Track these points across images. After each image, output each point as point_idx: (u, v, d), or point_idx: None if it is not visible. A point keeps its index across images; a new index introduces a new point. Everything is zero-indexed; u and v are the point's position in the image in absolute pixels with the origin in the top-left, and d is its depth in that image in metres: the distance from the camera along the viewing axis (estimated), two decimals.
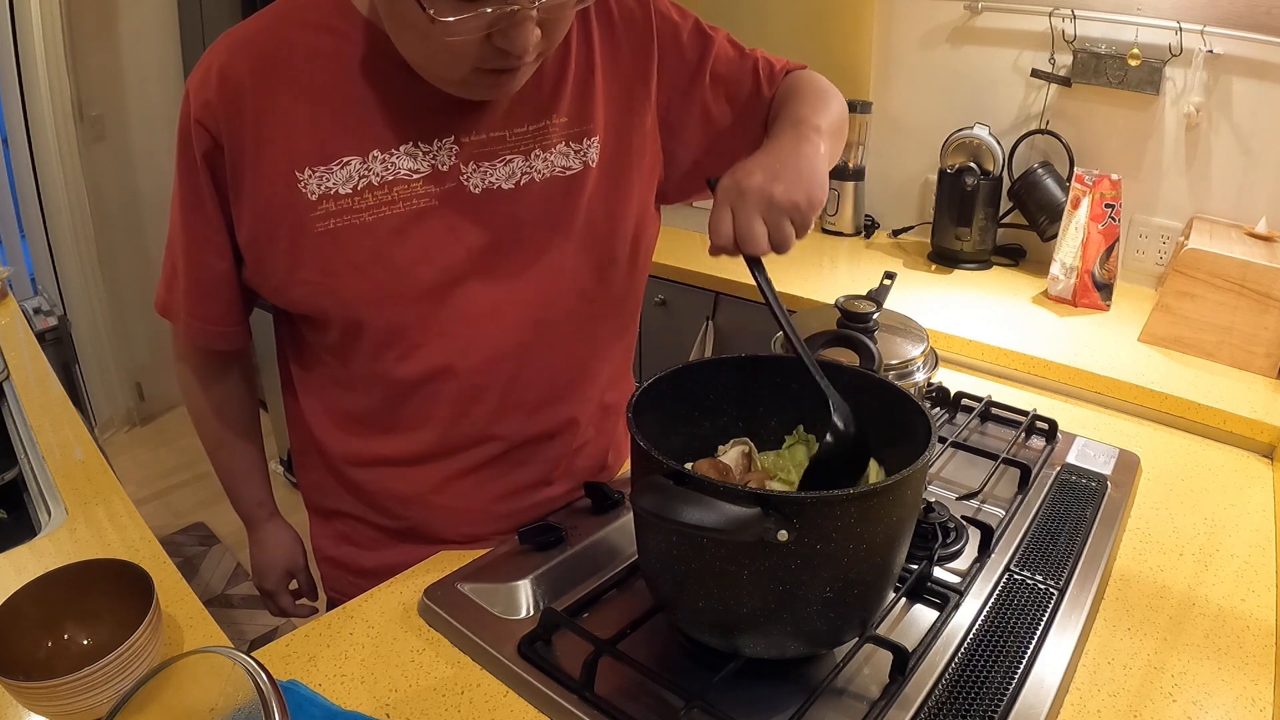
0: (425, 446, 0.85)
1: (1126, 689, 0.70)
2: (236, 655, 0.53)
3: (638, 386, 0.70)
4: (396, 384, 0.82)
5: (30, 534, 0.90)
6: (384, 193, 0.75)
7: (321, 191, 0.73)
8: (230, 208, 0.77)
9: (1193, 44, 1.59)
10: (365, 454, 0.87)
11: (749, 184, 0.68)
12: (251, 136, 0.73)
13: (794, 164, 0.70)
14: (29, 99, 2.57)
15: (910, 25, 1.99)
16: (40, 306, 2.07)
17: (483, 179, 0.78)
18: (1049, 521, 0.91)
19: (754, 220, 0.67)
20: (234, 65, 0.73)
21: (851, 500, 0.58)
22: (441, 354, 0.80)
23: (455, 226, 0.77)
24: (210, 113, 0.73)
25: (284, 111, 0.73)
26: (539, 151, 0.80)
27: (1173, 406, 1.22)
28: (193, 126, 0.74)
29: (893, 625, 0.76)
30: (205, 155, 0.75)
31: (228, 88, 0.72)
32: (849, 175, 2.08)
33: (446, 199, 0.77)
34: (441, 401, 0.83)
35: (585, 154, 0.82)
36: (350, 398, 0.85)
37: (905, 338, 1.02)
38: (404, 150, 0.75)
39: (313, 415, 0.89)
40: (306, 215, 0.74)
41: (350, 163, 0.74)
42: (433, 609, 0.77)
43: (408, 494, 0.88)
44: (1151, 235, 1.75)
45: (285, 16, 0.75)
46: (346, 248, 0.75)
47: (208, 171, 0.76)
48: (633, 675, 0.67)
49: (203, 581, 2.31)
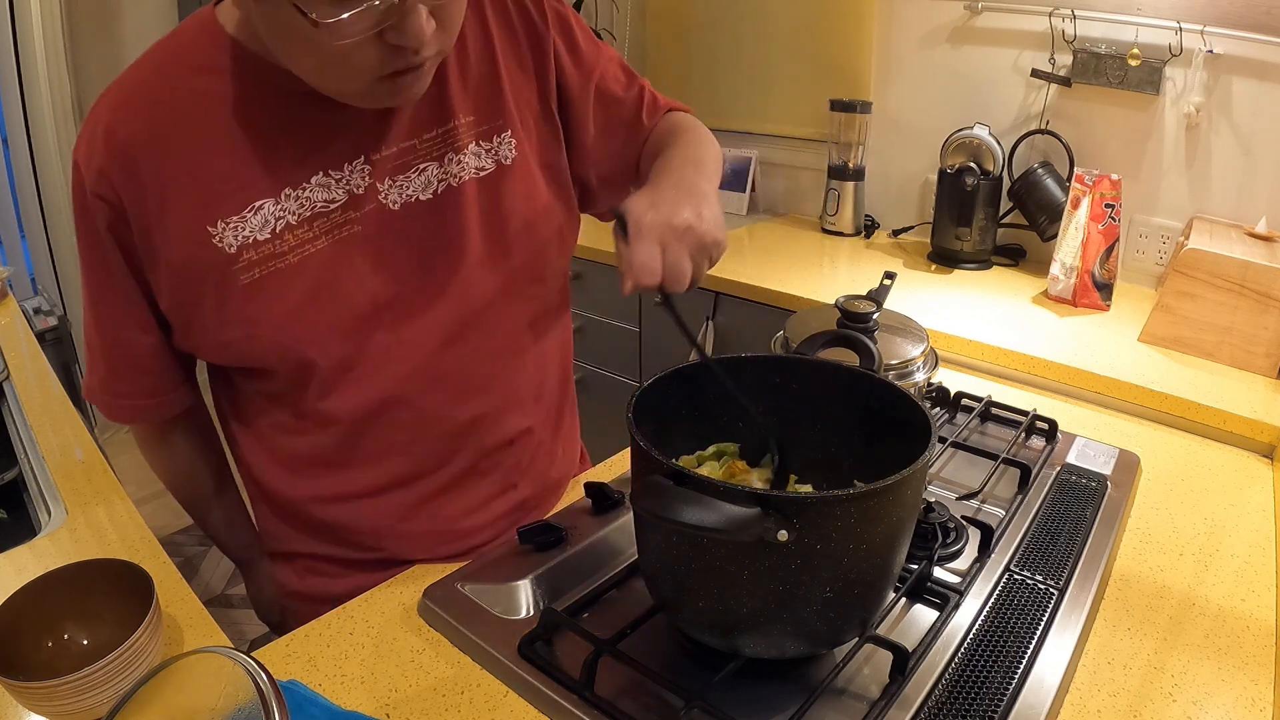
0: (389, 476, 0.83)
1: (1126, 689, 0.70)
2: (236, 655, 0.53)
3: (638, 386, 0.70)
4: (351, 419, 0.79)
5: (30, 534, 0.90)
6: (304, 230, 0.71)
7: (240, 242, 0.70)
8: (147, 276, 0.73)
9: (1193, 44, 1.59)
10: (325, 493, 0.84)
11: (679, 221, 0.65)
12: (154, 198, 0.69)
13: (711, 202, 0.69)
14: (29, 99, 2.57)
15: (910, 25, 1.99)
16: (40, 306, 2.07)
17: (400, 194, 0.75)
18: (1049, 521, 0.91)
19: (684, 258, 0.65)
20: (120, 127, 0.68)
21: (851, 500, 0.58)
22: (390, 379, 0.78)
23: (383, 247, 0.75)
24: (105, 182, 0.69)
25: (182, 166, 0.69)
26: (451, 155, 0.78)
27: (1173, 406, 1.22)
28: (90, 200, 0.70)
29: (893, 625, 0.76)
30: (110, 227, 0.71)
31: (118, 152, 0.68)
32: (849, 175, 2.09)
33: (368, 221, 0.74)
34: (399, 427, 0.80)
35: (497, 151, 0.80)
36: (301, 441, 0.82)
37: (905, 338, 1.02)
38: (316, 182, 0.72)
39: (258, 464, 0.86)
40: (228, 269, 0.70)
41: (263, 206, 0.70)
42: (433, 609, 0.77)
43: (374, 526, 0.86)
44: (1151, 235, 1.76)
45: (162, 64, 0.70)
46: (277, 294, 0.71)
47: (115, 244, 0.72)
48: (633, 675, 0.67)
49: (203, 581, 2.31)
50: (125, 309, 0.76)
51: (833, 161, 2.11)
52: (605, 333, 2.12)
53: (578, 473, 1.04)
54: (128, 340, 0.78)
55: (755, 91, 2.34)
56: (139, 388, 0.81)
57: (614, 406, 0.96)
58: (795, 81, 2.25)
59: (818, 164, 2.21)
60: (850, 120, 2.07)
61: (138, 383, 0.81)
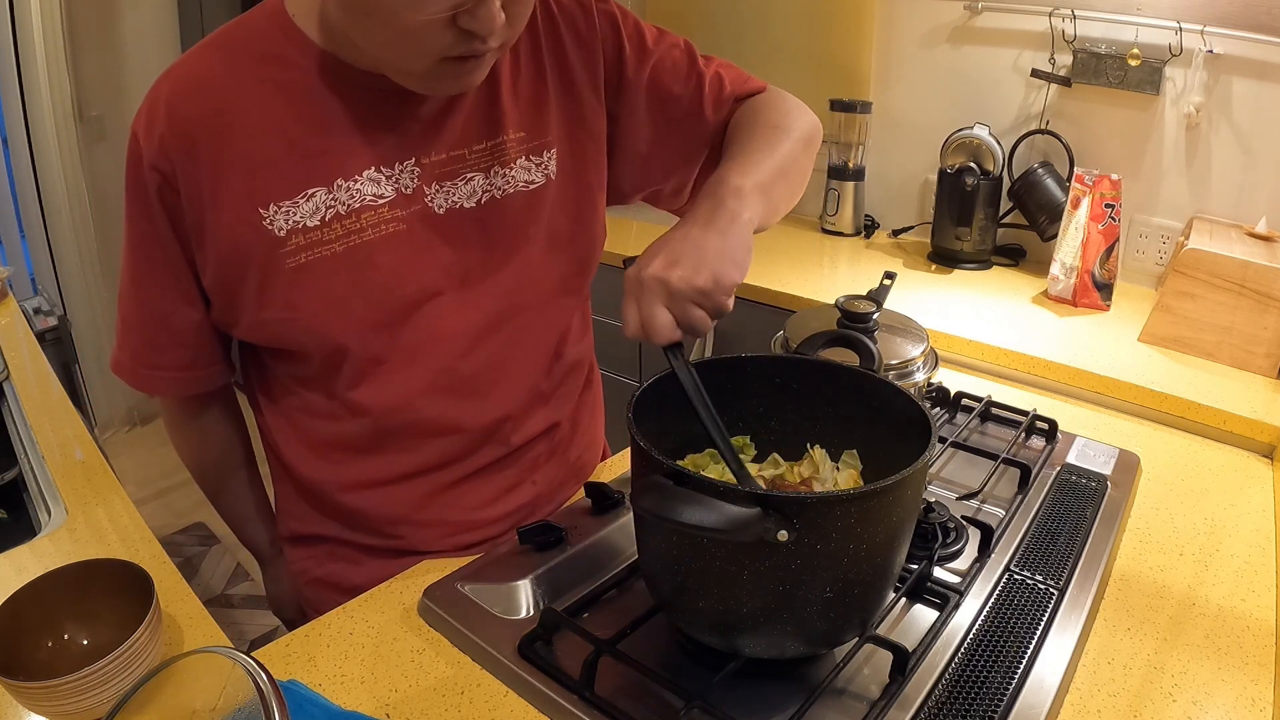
0: (411, 466, 0.84)
1: (1126, 689, 0.70)
2: (236, 655, 0.53)
3: (638, 386, 0.70)
4: (379, 411, 0.80)
5: (30, 534, 0.90)
6: (352, 221, 0.73)
7: (290, 226, 0.72)
8: (193, 251, 0.75)
9: (1193, 44, 1.59)
10: (346, 478, 0.85)
11: (646, 274, 0.64)
12: (209, 176, 0.70)
13: (698, 245, 0.65)
14: (29, 99, 2.57)
15: (910, 25, 1.99)
16: (40, 306, 2.06)
17: (446, 199, 0.77)
18: (1049, 521, 0.91)
19: (656, 310, 0.64)
20: (183, 104, 0.70)
21: (851, 500, 0.58)
22: (420, 377, 0.79)
23: (425, 248, 0.77)
24: (164, 155, 0.70)
25: (240, 148, 0.70)
26: (498, 168, 0.79)
27: (1173, 406, 1.22)
28: (146, 171, 0.71)
29: (893, 625, 0.76)
30: (162, 199, 0.72)
31: (178, 127, 0.70)
32: (849, 175, 2.09)
33: (413, 221, 0.76)
34: (424, 423, 0.82)
35: (546, 167, 0.82)
36: (327, 426, 0.83)
37: (905, 338, 1.02)
38: (368, 176, 0.73)
39: (284, 443, 0.87)
40: (276, 252, 0.72)
41: (316, 194, 0.72)
42: (433, 609, 0.77)
43: (395, 514, 0.87)
44: (1151, 235, 1.76)
45: (230, 49, 0.72)
46: (321, 280, 0.73)
47: (166, 217, 0.73)
48: (633, 675, 0.67)
49: (203, 581, 2.31)
50: (170, 282, 0.77)
51: (833, 161, 2.11)
52: (605, 333, 2.11)
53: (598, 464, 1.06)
54: (168, 313, 0.78)
55: None
56: (175, 360, 0.82)
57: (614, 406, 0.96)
58: (795, 81, 2.24)
59: (818, 164, 2.20)
60: (850, 120, 2.07)
61: (175, 355, 0.81)
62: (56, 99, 2.59)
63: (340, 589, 0.89)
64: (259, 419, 0.91)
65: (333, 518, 0.89)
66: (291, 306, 0.74)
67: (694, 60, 0.88)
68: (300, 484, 0.89)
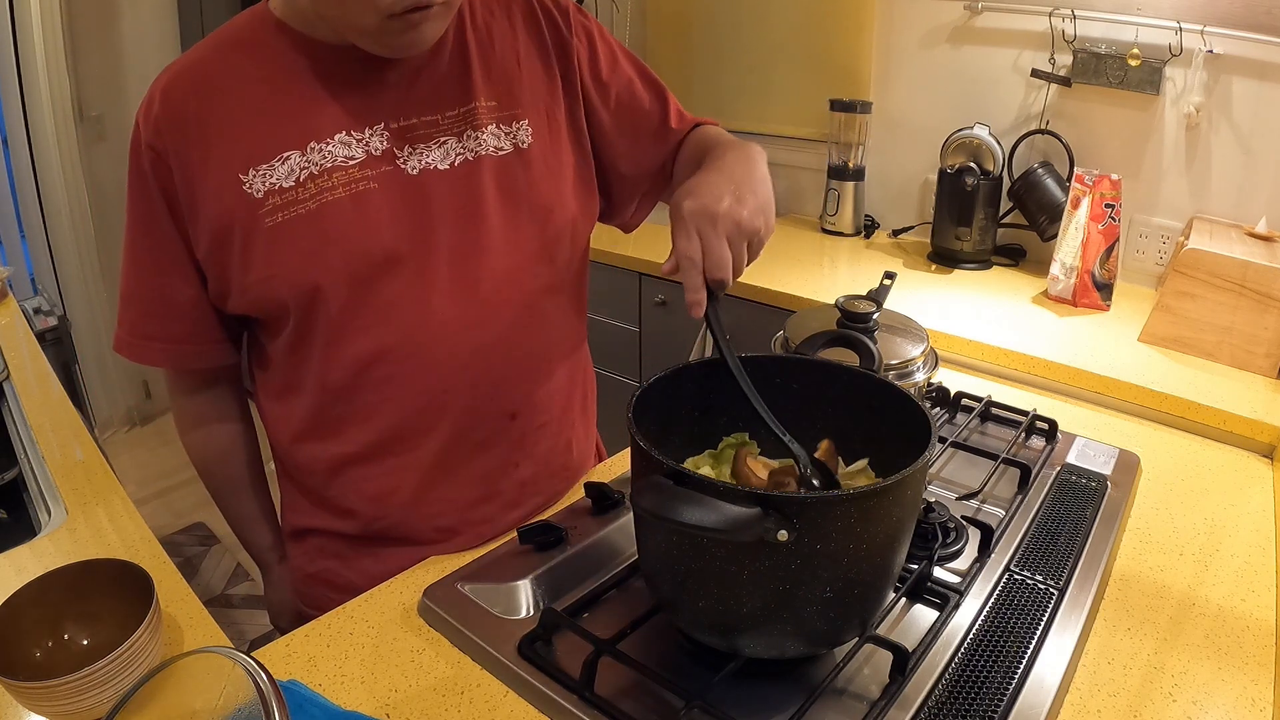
0: (384, 434, 0.85)
1: (1126, 689, 0.70)
2: (236, 655, 0.53)
3: (638, 386, 0.70)
4: (349, 370, 0.82)
5: (30, 534, 0.90)
6: (324, 179, 0.78)
7: (267, 188, 0.76)
8: (188, 227, 0.79)
9: (1193, 44, 1.59)
10: (326, 456, 0.87)
11: (719, 208, 0.68)
12: (198, 151, 0.76)
13: (753, 186, 0.71)
14: (29, 99, 2.57)
15: (910, 25, 1.99)
16: (40, 306, 2.07)
17: (419, 160, 0.81)
18: (1049, 521, 0.91)
19: (724, 245, 0.68)
20: (174, 89, 0.77)
21: (851, 500, 0.58)
22: (392, 333, 0.81)
23: (395, 206, 0.80)
24: (159, 135, 0.76)
25: (224, 123, 0.77)
26: (471, 132, 0.83)
27: (1173, 406, 1.22)
28: (144, 152, 0.77)
29: (893, 625, 0.76)
30: (158, 178, 0.78)
31: (171, 109, 0.77)
32: (849, 175, 2.09)
33: (384, 180, 0.80)
34: (395, 383, 0.83)
35: (515, 136, 0.86)
36: (305, 399, 0.85)
37: (905, 338, 1.02)
38: (338, 139, 0.78)
39: (274, 425, 0.90)
40: (255, 213, 0.76)
41: (290, 157, 0.77)
42: (433, 609, 0.77)
43: (373, 492, 0.88)
44: (1151, 235, 1.76)
45: (216, 42, 0.80)
46: (295, 236, 0.77)
47: (162, 196, 0.78)
48: (633, 675, 0.67)
49: (203, 581, 2.31)
50: (167, 261, 0.81)
51: (833, 161, 2.11)
52: (605, 333, 2.12)
53: (592, 465, 1.06)
54: (166, 288, 0.83)
55: (755, 91, 2.34)
56: (173, 332, 0.85)
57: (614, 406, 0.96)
58: (795, 81, 2.25)
59: (818, 164, 2.21)
60: (850, 120, 2.07)
61: (172, 327, 0.85)
62: (56, 99, 2.59)
63: (332, 585, 0.91)
64: (262, 416, 0.92)
65: (323, 507, 0.90)
66: (270, 264, 0.78)
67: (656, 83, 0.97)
68: (292, 470, 0.91)
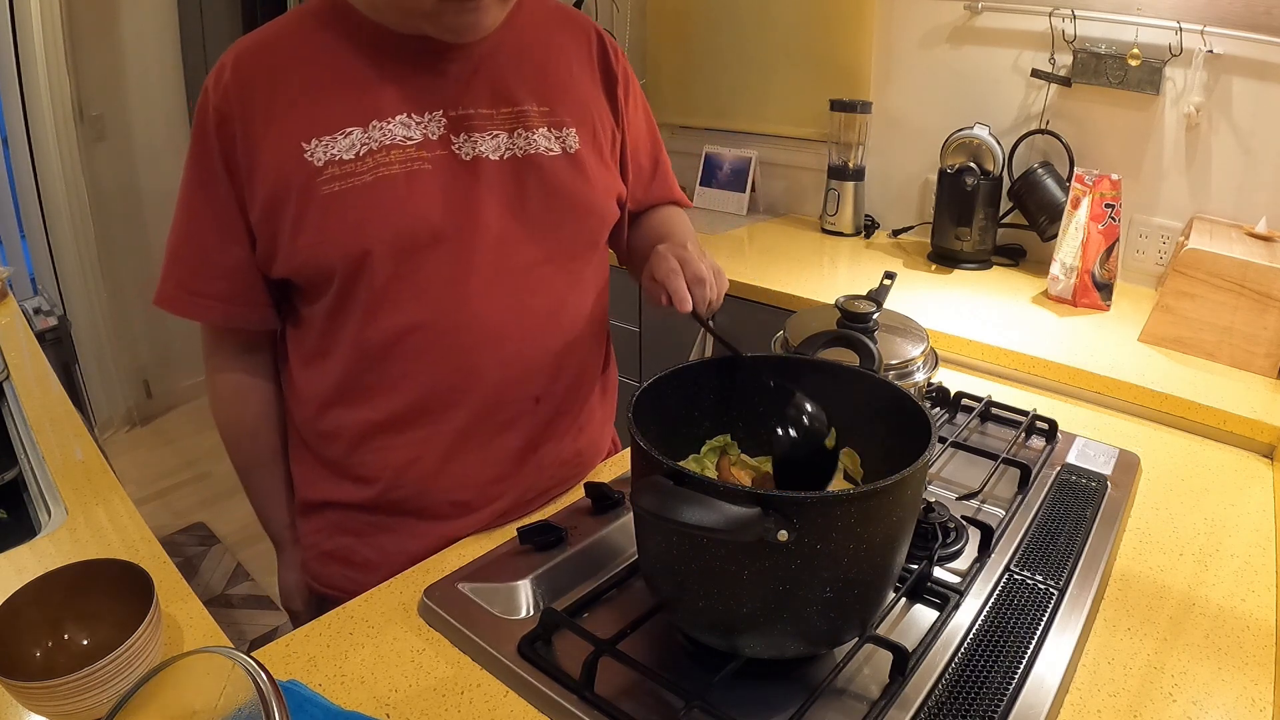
0: (411, 405, 0.87)
1: (1126, 689, 0.70)
2: (236, 655, 0.53)
3: (638, 387, 0.70)
4: (385, 339, 0.85)
5: (30, 534, 0.90)
6: (382, 155, 0.82)
7: (327, 158, 0.81)
8: (244, 188, 0.83)
9: (1193, 44, 1.59)
10: (353, 422, 0.89)
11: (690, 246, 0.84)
12: (263, 117, 0.81)
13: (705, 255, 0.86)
14: (29, 99, 2.57)
15: (910, 25, 2.00)
16: (40, 306, 2.07)
17: (473, 148, 0.86)
18: (1049, 521, 0.91)
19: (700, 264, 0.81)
20: (246, 59, 0.82)
21: (851, 500, 0.58)
22: (428, 308, 0.85)
23: (447, 187, 0.84)
24: (226, 100, 0.81)
25: (291, 95, 0.81)
26: (522, 131, 0.89)
27: (1173, 406, 1.22)
28: (210, 115, 0.82)
29: (893, 625, 0.76)
30: (222, 139, 0.82)
31: (241, 77, 0.81)
32: (849, 175, 2.09)
33: (439, 163, 0.84)
34: (427, 356, 0.86)
35: (564, 140, 0.91)
36: (338, 363, 0.88)
37: (905, 338, 1.02)
38: (399, 120, 0.83)
39: (303, 390, 0.92)
40: (313, 180, 0.80)
41: (353, 133, 0.82)
42: (433, 609, 0.77)
43: (395, 462, 0.89)
44: (1151, 235, 1.76)
45: (291, 20, 0.85)
46: (349, 206, 0.81)
47: (222, 157, 0.82)
48: (633, 675, 0.67)
49: (203, 581, 2.31)
50: (220, 222, 0.85)
51: (833, 161, 2.11)
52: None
53: (607, 457, 1.08)
54: (214, 247, 0.86)
55: (755, 91, 2.34)
56: (218, 290, 0.88)
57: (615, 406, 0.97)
58: (795, 81, 2.25)
59: (818, 164, 2.21)
60: (850, 120, 2.07)
61: (218, 285, 0.88)
62: (56, 99, 2.59)
63: (349, 563, 0.94)
64: (289, 385, 0.95)
65: (343, 476, 0.92)
66: (324, 229, 0.82)
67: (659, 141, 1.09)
68: (316, 441, 0.93)
